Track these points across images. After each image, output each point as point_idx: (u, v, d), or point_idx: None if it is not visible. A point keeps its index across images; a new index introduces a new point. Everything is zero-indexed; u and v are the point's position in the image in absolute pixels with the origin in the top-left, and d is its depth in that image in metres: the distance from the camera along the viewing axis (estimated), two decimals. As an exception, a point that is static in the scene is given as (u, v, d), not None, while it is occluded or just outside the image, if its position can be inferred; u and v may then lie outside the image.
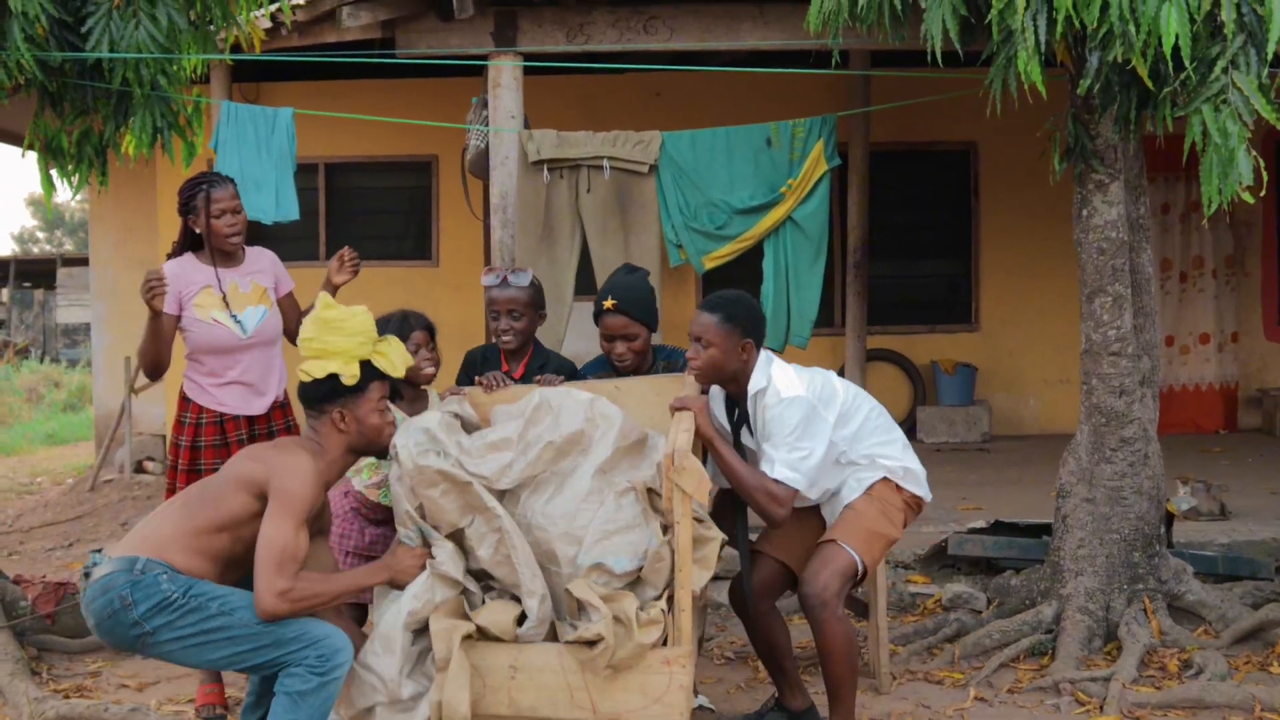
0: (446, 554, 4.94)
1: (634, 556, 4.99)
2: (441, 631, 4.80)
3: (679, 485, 4.93)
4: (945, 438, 13.29)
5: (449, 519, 5.00)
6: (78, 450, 18.39)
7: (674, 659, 4.89)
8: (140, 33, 6.96)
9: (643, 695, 4.87)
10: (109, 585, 4.59)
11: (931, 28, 6.42)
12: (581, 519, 5.04)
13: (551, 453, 5.16)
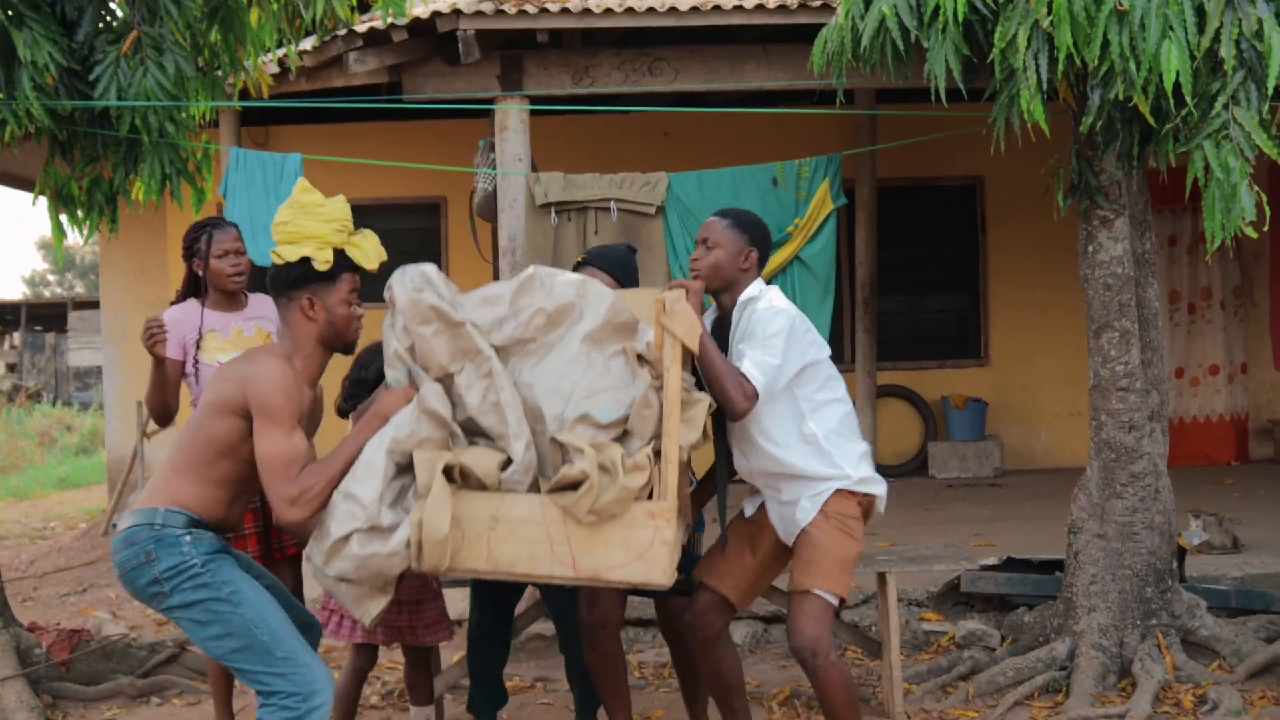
0: (433, 392, 4.77)
1: (621, 407, 4.84)
2: (425, 460, 4.64)
3: (669, 330, 4.86)
4: (957, 473, 13.28)
5: (438, 361, 4.80)
6: (91, 494, 18.42)
7: (659, 513, 4.73)
8: (148, 80, 7.00)
9: (625, 550, 4.72)
10: (132, 539, 4.63)
11: (934, 67, 6.45)
12: (569, 378, 4.88)
13: (543, 319, 4.96)
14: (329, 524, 4.65)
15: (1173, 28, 5.83)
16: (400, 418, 4.74)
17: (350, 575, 4.65)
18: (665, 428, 4.82)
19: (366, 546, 4.59)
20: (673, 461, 4.81)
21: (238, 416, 4.66)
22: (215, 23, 7.89)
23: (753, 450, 5.52)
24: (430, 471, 4.61)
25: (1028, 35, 6.09)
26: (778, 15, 8.91)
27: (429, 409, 4.71)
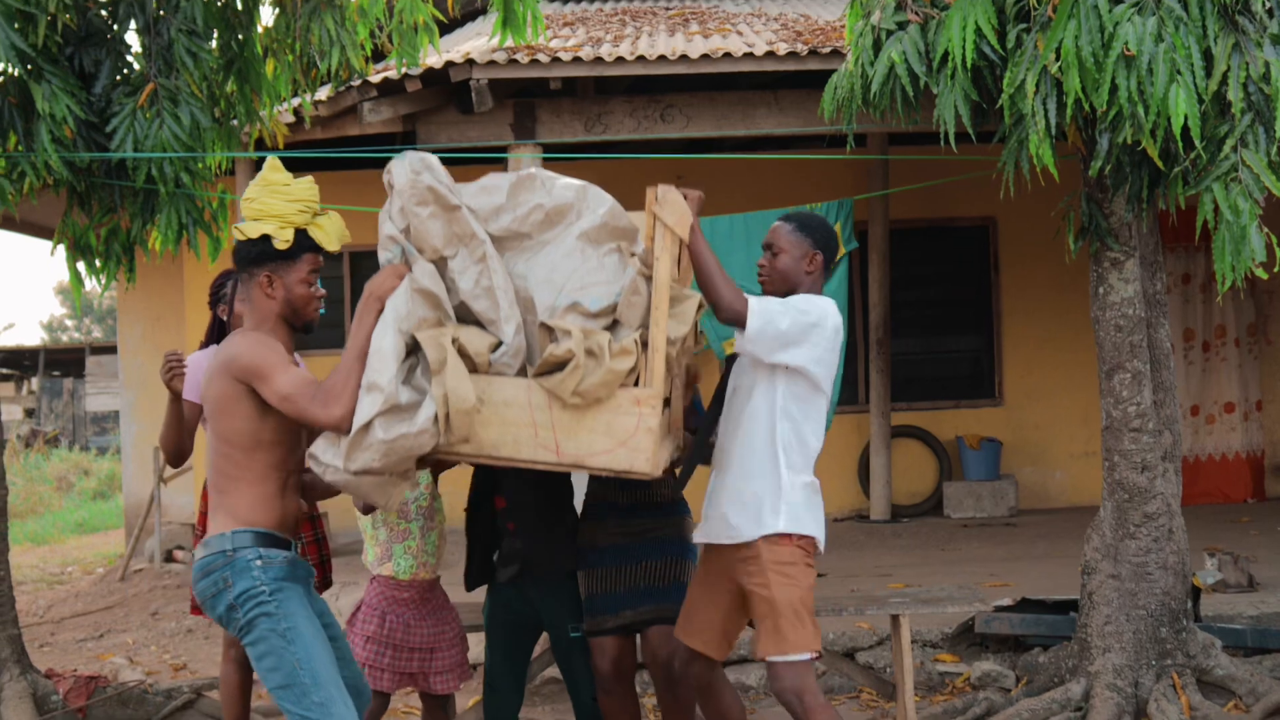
0: (426, 272, 4.72)
1: (610, 297, 4.81)
2: (432, 337, 4.61)
3: (660, 217, 4.83)
4: (972, 513, 13.27)
5: (433, 244, 4.76)
6: (108, 538, 18.47)
7: (644, 399, 4.71)
8: (164, 131, 7.07)
9: (609, 437, 4.69)
10: (208, 567, 4.70)
11: (944, 112, 6.50)
12: (562, 271, 4.84)
13: (540, 216, 4.92)
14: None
15: (1180, 72, 5.87)
16: (396, 300, 4.68)
17: (377, 464, 4.57)
18: (653, 316, 4.79)
19: (392, 429, 4.53)
20: (660, 350, 4.77)
21: (241, 396, 4.69)
22: (231, 74, 7.98)
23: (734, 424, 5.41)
24: (441, 347, 4.58)
25: (1036, 81, 6.13)
26: (788, 62, 8.98)
27: (423, 288, 4.68)
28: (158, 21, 7.28)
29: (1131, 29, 5.84)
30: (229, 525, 4.71)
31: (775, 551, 5.23)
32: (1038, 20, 6.17)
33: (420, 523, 6.02)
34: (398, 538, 5.98)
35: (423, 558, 6.00)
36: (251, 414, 4.70)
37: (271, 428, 4.73)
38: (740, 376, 5.42)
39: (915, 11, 6.73)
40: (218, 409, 4.74)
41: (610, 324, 4.83)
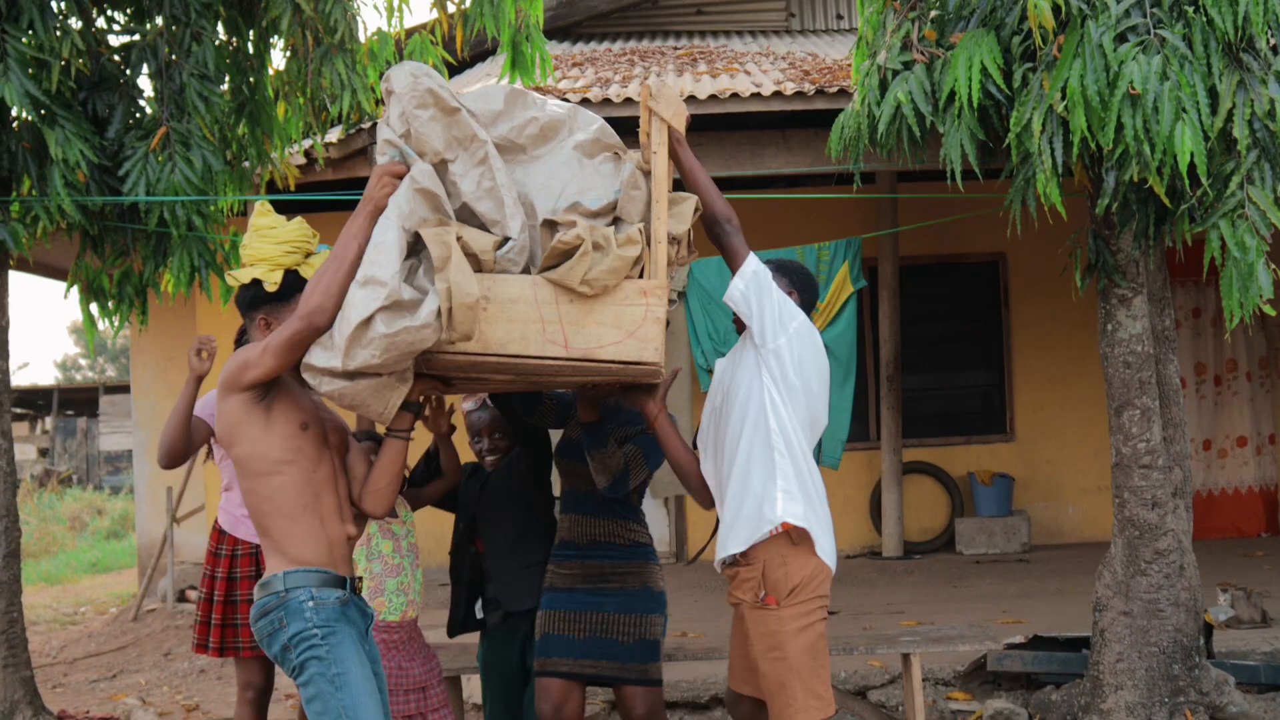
0: (425, 172, 4.63)
1: (607, 196, 4.76)
2: (435, 234, 4.51)
3: (656, 112, 4.81)
4: (984, 549, 13.25)
5: (433, 146, 4.66)
6: (121, 578, 18.49)
7: (650, 289, 4.68)
8: (176, 175, 7.15)
9: (617, 329, 4.65)
10: (265, 608, 4.66)
11: (950, 152, 6.53)
12: (559, 178, 4.80)
13: (535, 129, 4.85)
14: (348, 312, 4.47)
15: (1185, 110, 5.89)
16: (399, 197, 4.60)
17: (376, 360, 4.46)
18: (654, 210, 4.77)
19: (394, 324, 4.43)
20: (662, 241, 4.75)
21: (244, 412, 4.63)
22: (243, 117, 8.05)
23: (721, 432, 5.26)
24: (445, 244, 4.50)
25: (1042, 120, 6.16)
26: (795, 102, 9.02)
27: (423, 188, 4.60)
28: (170, 66, 7.36)
29: (1136, 68, 5.87)
30: (282, 565, 4.68)
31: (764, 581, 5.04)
32: (1043, 60, 6.20)
33: (410, 559, 6.06)
34: (391, 572, 5.99)
35: (412, 595, 6.03)
36: (256, 436, 4.64)
37: (279, 449, 4.65)
38: (717, 386, 5.34)
39: (921, 51, 6.77)
40: (228, 438, 4.68)
41: (611, 221, 4.78)
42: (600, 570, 5.81)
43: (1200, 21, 5.98)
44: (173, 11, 7.41)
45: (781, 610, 5.01)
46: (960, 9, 6.68)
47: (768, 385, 5.11)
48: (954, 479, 13.86)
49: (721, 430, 5.25)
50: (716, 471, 5.27)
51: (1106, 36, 5.93)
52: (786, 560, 5.03)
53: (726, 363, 5.37)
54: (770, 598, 5.02)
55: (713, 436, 5.30)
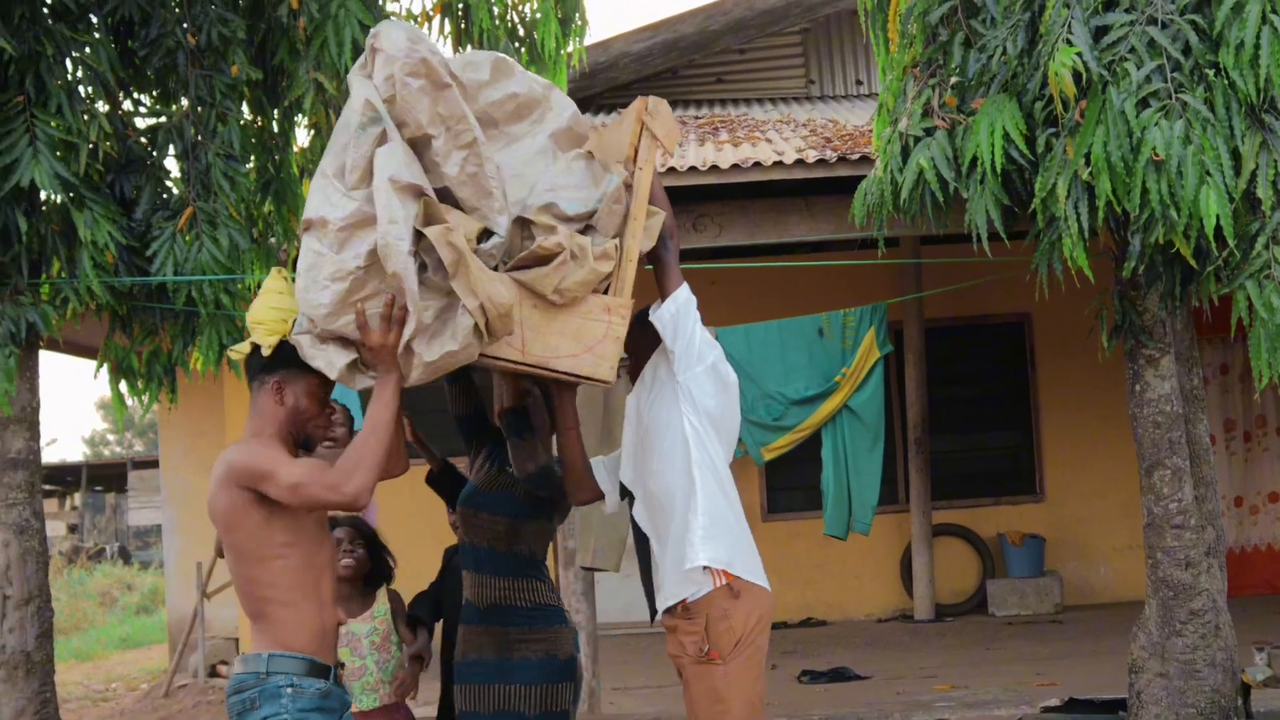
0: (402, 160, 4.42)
1: (587, 204, 4.67)
2: (438, 234, 4.35)
3: (650, 128, 4.74)
4: (1017, 610, 13.18)
5: (417, 119, 4.48)
6: (151, 653, 18.48)
7: (614, 307, 4.62)
8: (203, 254, 7.19)
9: (576, 342, 4.58)
10: (240, 686, 4.58)
11: (975, 217, 6.55)
12: (535, 168, 4.69)
13: (512, 106, 4.73)
14: None
15: (1210, 173, 5.90)
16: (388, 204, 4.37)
17: (422, 379, 4.46)
18: (630, 226, 4.71)
19: (434, 350, 4.39)
20: (633, 260, 4.69)
21: (247, 506, 4.53)
22: (269, 195, 8.10)
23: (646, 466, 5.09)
24: (455, 244, 4.37)
25: (1067, 185, 6.18)
26: (817, 169, 9.05)
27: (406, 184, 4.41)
28: (196, 147, 7.41)
29: (1159, 133, 5.89)
30: (268, 646, 4.61)
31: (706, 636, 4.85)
32: (1066, 125, 6.22)
33: (375, 657, 6.00)
34: (354, 676, 5.93)
35: (382, 689, 5.99)
36: (259, 524, 4.54)
37: (282, 532, 4.56)
38: (639, 434, 5.13)
39: (942, 118, 6.80)
40: (227, 523, 4.58)
41: (583, 229, 4.70)
42: (506, 638, 5.42)
43: (1221, 84, 6.00)
44: (198, 93, 7.47)
45: (728, 665, 4.83)
46: (981, 75, 6.71)
47: (687, 414, 4.96)
48: (984, 540, 13.81)
49: (645, 469, 5.09)
50: (650, 515, 5.10)
51: (1128, 102, 5.95)
52: (729, 614, 4.84)
53: (637, 399, 5.18)
54: (714, 653, 4.85)
55: (640, 479, 5.14)
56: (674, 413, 4.98)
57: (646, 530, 5.12)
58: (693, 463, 4.95)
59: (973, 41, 6.77)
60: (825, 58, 16.13)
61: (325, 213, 4.46)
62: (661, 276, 5.03)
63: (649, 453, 5.05)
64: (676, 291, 4.98)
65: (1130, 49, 6.04)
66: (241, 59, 7.54)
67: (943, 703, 7.02)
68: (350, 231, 4.42)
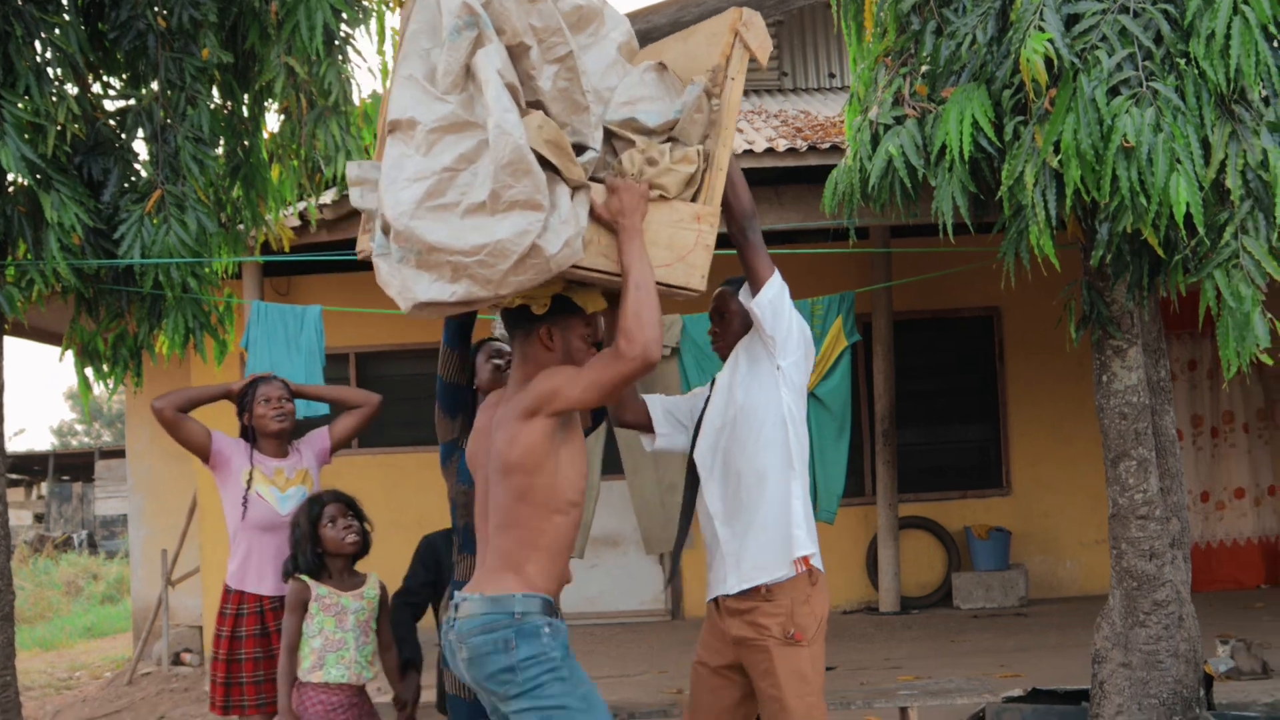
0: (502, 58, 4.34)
1: (666, 114, 4.63)
2: (560, 153, 4.29)
3: (744, 38, 4.68)
4: (982, 603, 13.22)
5: (514, 26, 4.38)
6: (116, 642, 18.40)
7: (704, 215, 4.60)
8: (171, 237, 7.16)
9: (669, 250, 4.55)
10: (490, 626, 4.48)
11: (942, 205, 6.54)
12: (608, 81, 4.65)
13: (577, 16, 4.63)
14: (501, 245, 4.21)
15: (1180, 161, 5.90)
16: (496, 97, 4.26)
17: (532, 280, 4.28)
18: (722, 135, 4.66)
19: (556, 240, 4.25)
20: (722, 169, 4.65)
21: (549, 436, 4.52)
22: (237, 179, 8.08)
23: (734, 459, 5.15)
24: (560, 151, 4.31)
25: (1035, 173, 6.17)
26: (788, 158, 9.06)
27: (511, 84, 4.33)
28: (165, 130, 7.38)
29: (1130, 120, 5.89)
30: (518, 587, 4.53)
31: (791, 654, 4.99)
32: (1035, 113, 6.22)
33: (356, 634, 6.02)
34: (331, 647, 5.97)
35: (355, 668, 6.00)
36: (556, 467, 4.54)
37: (571, 482, 4.57)
38: (725, 401, 5.21)
39: (912, 106, 6.79)
40: (530, 462, 4.53)
41: (665, 140, 4.67)
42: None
43: (1192, 74, 6.00)
44: (168, 76, 7.44)
45: (811, 647, 5.00)
46: (951, 63, 6.70)
47: (787, 402, 5.11)
48: (950, 533, 13.85)
49: (733, 450, 5.16)
50: (729, 496, 5.17)
51: (1099, 90, 5.95)
52: (810, 599, 5.03)
53: (730, 379, 5.24)
54: (799, 634, 4.99)
55: (719, 458, 5.20)
56: (774, 397, 5.12)
57: (716, 511, 5.19)
58: (792, 449, 5.10)
59: (944, 29, 6.77)
60: (798, 50, 16.16)
61: (416, 114, 4.38)
62: (753, 259, 5.19)
63: (744, 434, 5.13)
64: (771, 277, 5.12)
65: (1102, 37, 6.04)
66: (212, 42, 7.51)
67: (905, 690, 7.02)
68: (440, 134, 4.35)
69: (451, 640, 4.59)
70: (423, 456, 13.47)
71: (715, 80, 4.74)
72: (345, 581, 6.09)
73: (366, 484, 13.98)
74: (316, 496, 6.22)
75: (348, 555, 6.12)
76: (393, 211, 4.31)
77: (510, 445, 4.55)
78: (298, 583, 6.04)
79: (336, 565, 6.07)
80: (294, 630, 6.01)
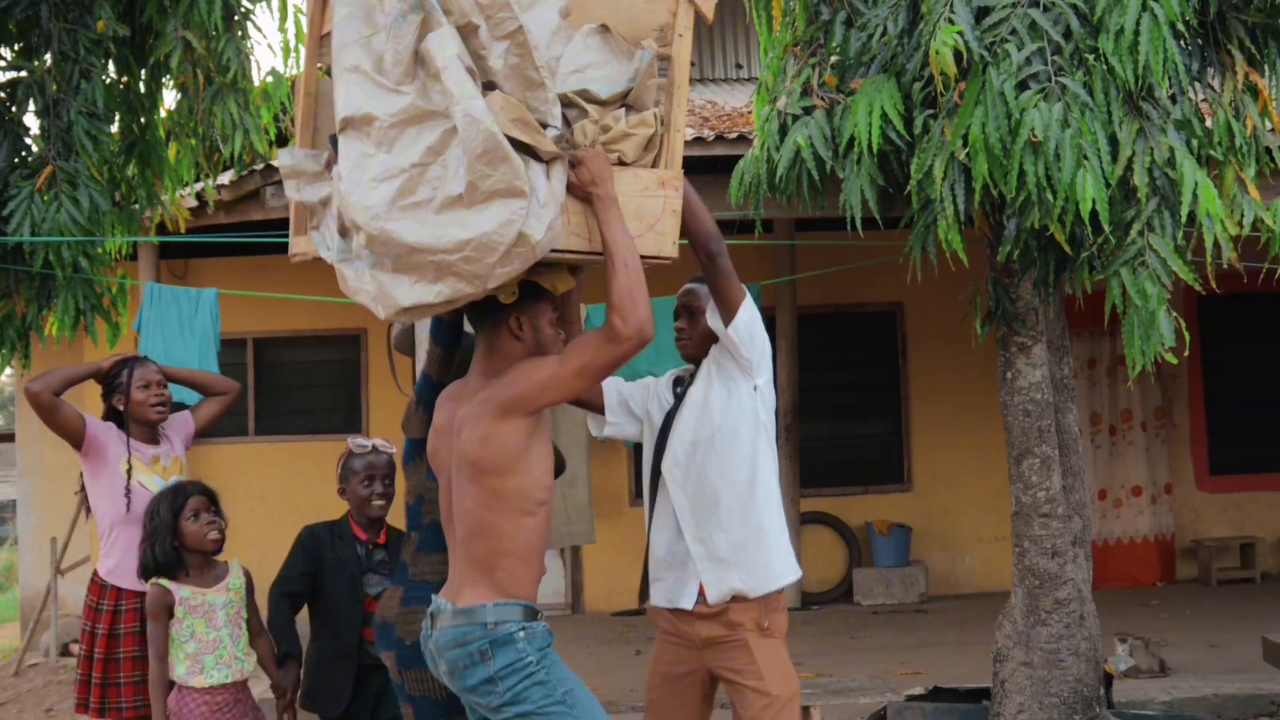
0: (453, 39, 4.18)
1: (618, 82, 4.51)
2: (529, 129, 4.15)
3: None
4: (882, 599, 13.24)
5: (460, 5, 4.19)
6: (3, 631, 18.04)
7: (668, 180, 4.49)
8: (62, 215, 6.98)
9: (637, 221, 4.40)
10: (463, 639, 4.40)
11: (850, 198, 6.48)
12: (553, 49, 4.50)
13: None
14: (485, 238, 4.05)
15: (1087, 157, 5.88)
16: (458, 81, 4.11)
17: (519, 270, 4.16)
18: (675, 96, 4.56)
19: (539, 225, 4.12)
20: (680, 130, 4.56)
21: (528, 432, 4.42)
22: (132, 157, 7.91)
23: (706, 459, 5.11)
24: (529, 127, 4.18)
25: (944, 167, 6.13)
26: (695, 147, 8.99)
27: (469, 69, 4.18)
28: (57, 104, 7.20)
29: (1038, 115, 5.86)
30: (490, 596, 4.44)
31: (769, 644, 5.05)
32: (944, 106, 6.18)
33: (229, 630, 5.87)
34: (207, 649, 5.80)
35: (235, 665, 5.86)
36: (528, 466, 4.44)
37: (539, 480, 4.46)
38: (700, 415, 5.16)
39: (821, 97, 6.73)
40: (504, 464, 4.41)
41: (620, 108, 4.54)
42: None
43: (1101, 69, 5.98)
44: (61, 48, 7.25)
45: (782, 640, 5.11)
46: (861, 55, 6.65)
47: (764, 421, 5.14)
48: (851, 529, 13.86)
49: (709, 468, 5.11)
50: (696, 505, 5.12)
51: (1008, 84, 5.91)
52: (780, 605, 5.15)
53: (704, 394, 5.18)
54: (772, 627, 5.07)
55: (692, 474, 5.13)
56: (751, 417, 5.13)
57: (686, 524, 5.15)
58: (768, 467, 5.17)
59: (854, 21, 6.71)
60: (705, 40, 16.11)
61: (370, 108, 4.20)
62: (723, 285, 5.08)
63: (723, 453, 5.11)
64: (744, 300, 5.06)
65: (1011, 30, 6.01)
66: (108, 14, 7.33)
67: (808, 689, 6.97)
68: (401, 128, 4.18)
69: (432, 651, 4.53)
70: (320, 445, 13.30)
71: (664, 39, 4.62)
72: (205, 576, 5.88)
73: (260, 471, 13.88)
74: (180, 487, 5.96)
75: (206, 552, 5.93)
76: (363, 215, 4.15)
77: (484, 446, 4.43)
78: (157, 588, 5.82)
79: (195, 560, 5.88)
80: (161, 638, 5.81)
